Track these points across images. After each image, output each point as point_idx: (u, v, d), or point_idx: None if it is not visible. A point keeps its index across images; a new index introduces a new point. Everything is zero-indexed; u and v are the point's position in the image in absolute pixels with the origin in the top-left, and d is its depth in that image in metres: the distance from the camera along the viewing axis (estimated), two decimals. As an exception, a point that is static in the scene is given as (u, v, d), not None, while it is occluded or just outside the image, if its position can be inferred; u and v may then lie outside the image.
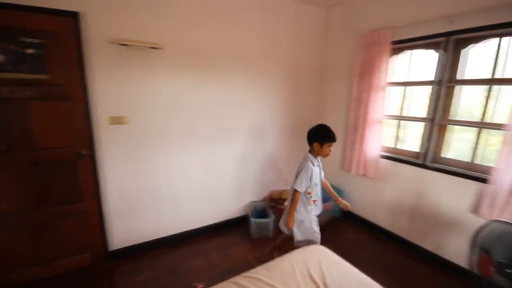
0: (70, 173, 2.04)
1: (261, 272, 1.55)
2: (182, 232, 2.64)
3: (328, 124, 3.25)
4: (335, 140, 1.89)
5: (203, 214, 2.75)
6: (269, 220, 2.70)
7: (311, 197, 1.95)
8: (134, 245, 2.41)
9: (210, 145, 2.62)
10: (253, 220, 2.67)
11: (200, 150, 2.58)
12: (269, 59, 2.81)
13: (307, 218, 2.00)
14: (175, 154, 2.44)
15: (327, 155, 1.91)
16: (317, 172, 1.95)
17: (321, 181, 2.06)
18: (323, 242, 2.03)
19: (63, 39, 1.86)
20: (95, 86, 2.01)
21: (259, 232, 2.72)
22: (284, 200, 3.02)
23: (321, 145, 1.87)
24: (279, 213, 2.87)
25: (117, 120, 2.12)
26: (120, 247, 2.35)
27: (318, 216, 2.08)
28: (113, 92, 2.08)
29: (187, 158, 2.52)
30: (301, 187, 1.91)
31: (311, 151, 1.96)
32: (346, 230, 2.96)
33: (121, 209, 2.28)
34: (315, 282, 1.48)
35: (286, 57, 2.94)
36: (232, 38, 2.53)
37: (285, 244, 2.23)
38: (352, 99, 2.89)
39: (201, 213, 2.73)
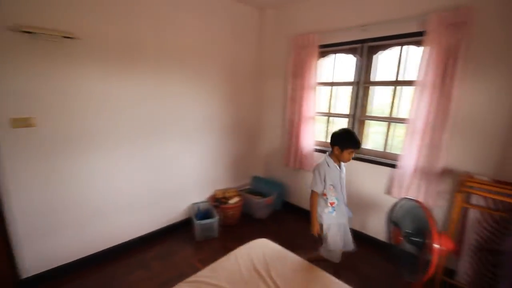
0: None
1: (205, 274, 1.53)
2: (116, 245, 2.39)
3: (267, 121, 3.46)
4: (358, 147, 1.78)
5: (140, 223, 2.54)
6: (213, 221, 2.67)
7: (327, 198, 1.88)
8: (56, 267, 2.06)
9: (144, 147, 2.43)
10: (197, 222, 2.59)
11: (132, 153, 2.36)
12: (206, 57, 2.75)
13: (328, 223, 1.90)
14: (100, 159, 2.17)
15: (347, 160, 1.82)
16: (334, 174, 1.86)
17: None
18: (267, 235, 2.11)
19: None
20: (-12, 81, 1.63)
21: (203, 233, 2.66)
22: (228, 198, 3.02)
23: (342, 150, 1.78)
24: (223, 212, 2.86)
25: (22, 123, 1.77)
26: (36, 273, 1.98)
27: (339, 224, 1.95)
28: (14, 89, 1.72)
29: (116, 162, 2.27)
30: (315, 187, 1.86)
31: (330, 154, 1.88)
32: (287, 221, 3.14)
33: (34, 227, 1.92)
34: (260, 275, 1.53)
35: (224, 56, 2.93)
36: (165, 34, 2.38)
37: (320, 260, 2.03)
38: (287, 97, 3.07)
39: (137, 222, 2.51)
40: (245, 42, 3.14)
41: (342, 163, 1.91)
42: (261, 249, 1.78)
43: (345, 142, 1.77)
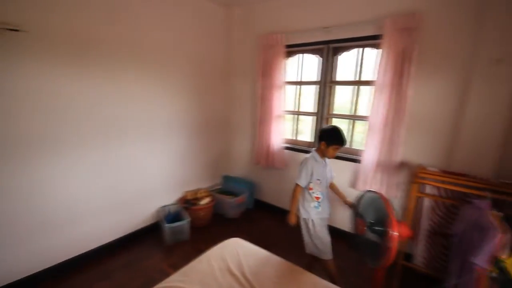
0: None
1: (176, 279, 1.48)
2: (73, 258, 2.20)
3: (237, 120, 3.45)
4: (343, 144, 1.82)
5: (101, 231, 2.37)
6: (184, 223, 2.59)
7: (313, 192, 1.88)
8: (2, 286, 1.85)
9: (103, 149, 2.25)
10: (166, 225, 2.50)
11: (89, 156, 2.18)
12: (171, 55, 2.65)
13: (313, 218, 1.87)
14: (51, 164, 1.97)
15: (332, 156, 1.85)
16: (320, 169, 1.88)
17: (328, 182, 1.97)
18: (240, 234, 2.10)
19: None
20: None
21: (174, 237, 2.57)
22: (199, 199, 2.96)
23: (328, 145, 1.81)
24: (194, 214, 2.80)
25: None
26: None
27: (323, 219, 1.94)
28: None
29: (70, 167, 2.08)
30: (300, 180, 1.86)
31: (317, 149, 1.90)
32: (259, 219, 3.16)
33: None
34: (234, 275, 1.52)
35: (191, 54, 2.85)
36: (124, 29, 2.24)
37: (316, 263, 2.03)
38: (257, 96, 3.08)
39: (98, 230, 2.34)
40: (213, 40, 3.09)
41: (327, 159, 1.93)
42: (234, 248, 1.77)
43: (331, 139, 1.81)
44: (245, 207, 3.30)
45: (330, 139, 1.81)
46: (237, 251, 1.74)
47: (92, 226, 2.29)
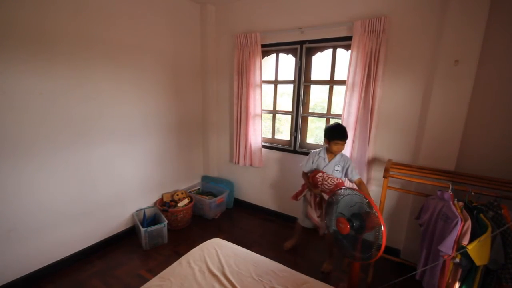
0: None
1: (155, 283, 1.44)
2: (45, 267, 2.07)
3: (215, 120, 3.41)
4: (341, 139, 1.99)
5: (75, 238, 2.25)
6: (162, 226, 2.52)
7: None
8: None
9: (69, 152, 2.11)
10: (142, 229, 2.41)
11: (58, 158, 2.05)
12: (143, 53, 2.56)
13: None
14: (8, 170, 1.81)
15: (337, 151, 2.04)
16: (320, 163, 2.12)
17: (354, 182, 2.10)
18: (220, 235, 2.09)
19: None
20: None
21: (151, 241, 2.49)
22: (177, 201, 2.90)
23: (329, 141, 2.02)
24: (172, 216, 2.73)
25: None
26: None
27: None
28: None
29: (32, 173, 1.92)
30: (304, 167, 2.21)
31: (326, 147, 2.13)
32: (239, 218, 3.16)
33: None
34: (215, 276, 1.52)
35: (165, 52, 2.77)
36: (90, 24, 2.12)
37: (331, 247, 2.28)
38: (234, 95, 3.07)
39: (71, 237, 2.22)
40: (187, 38, 3.02)
41: (337, 157, 2.09)
42: (214, 249, 1.76)
43: (330, 135, 2.02)
44: (225, 207, 3.28)
45: (329, 135, 2.03)
46: (217, 252, 1.73)
47: (64, 233, 2.16)
